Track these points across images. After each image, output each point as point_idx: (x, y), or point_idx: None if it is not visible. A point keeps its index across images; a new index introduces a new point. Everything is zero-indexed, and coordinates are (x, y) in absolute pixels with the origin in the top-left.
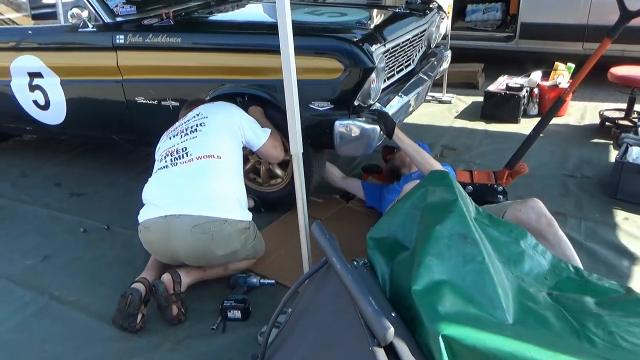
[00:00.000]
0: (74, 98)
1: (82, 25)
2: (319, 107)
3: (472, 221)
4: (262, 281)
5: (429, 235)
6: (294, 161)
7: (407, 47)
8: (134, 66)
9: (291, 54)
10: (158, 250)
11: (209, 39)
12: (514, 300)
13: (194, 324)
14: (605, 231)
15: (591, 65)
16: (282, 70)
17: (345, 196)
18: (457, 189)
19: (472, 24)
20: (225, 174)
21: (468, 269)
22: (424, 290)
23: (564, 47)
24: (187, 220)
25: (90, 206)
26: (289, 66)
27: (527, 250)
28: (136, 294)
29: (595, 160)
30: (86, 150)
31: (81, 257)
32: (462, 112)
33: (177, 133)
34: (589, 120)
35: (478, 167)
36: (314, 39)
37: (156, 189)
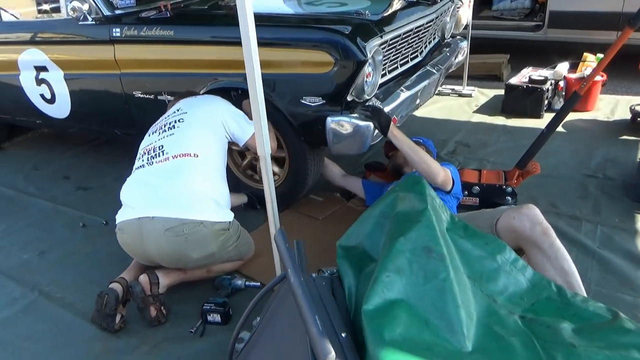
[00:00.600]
0: (77, 92)
1: (82, 18)
2: (310, 102)
3: (441, 233)
4: (247, 283)
5: (390, 248)
6: (261, 163)
7: (412, 38)
8: (130, 59)
9: (254, 48)
10: (134, 252)
11: (201, 31)
12: (479, 324)
13: (174, 326)
14: (622, 238)
15: (611, 56)
16: (246, 66)
17: (347, 195)
18: (429, 196)
19: (498, 12)
20: (202, 172)
21: (429, 287)
22: (375, 310)
23: (596, 36)
24: (160, 223)
25: (94, 200)
26: (251, 62)
27: (504, 266)
28: (112, 294)
29: (622, 159)
30: (98, 144)
31: (76, 252)
32: (482, 106)
33: (156, 129)
34: (619, 115)
35: (492, 165)
36: (303, 31)
37: (131, 189)
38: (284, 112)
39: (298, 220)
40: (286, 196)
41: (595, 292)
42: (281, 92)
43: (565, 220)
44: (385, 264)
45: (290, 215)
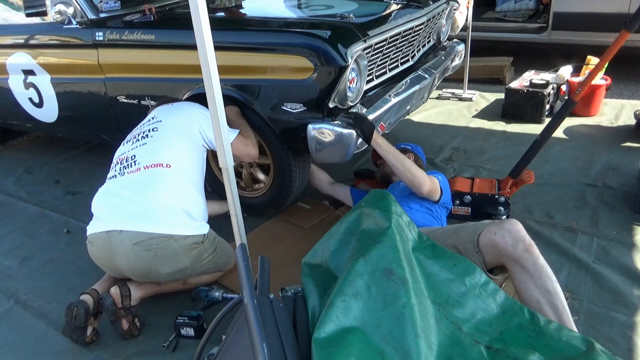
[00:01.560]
0: (64, 96)
1: (67, 21)
2: (291, 109)
3: (405, 253)
4: (225, 295)
5: (349, 269)
6: (224, 175)
7: (401, 42)
8: (113, 64)
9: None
10: (104, 265)
11: (183, 35)
12: (440, 355)
13: (147, 339)
14: (619, 251)
15: (606, 61)
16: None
17: (335, 203)
18: (394, 213)
19: (502, 14)
20: (174, 184)
21: (387, 313)
22: (326, 338)
23: (601, 38)
24: (128, 237)
25: (82, 205)
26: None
27: (473, 290)
28: (82, 306)
29: (624, 167)
30: (90, 148)
31: (58, 259)
32: (482, 110)
33: (130, 138)
34: (624, 120)
35: (488, 172)
36: (281, 35)
37: (101, 201)
38: (265, 119)
39: (283, 228)
40: (271, 204)
41: (588, 309)
42: (262, 99)
43: (560, 232)
44: (343, 287)
45: (275, 224)
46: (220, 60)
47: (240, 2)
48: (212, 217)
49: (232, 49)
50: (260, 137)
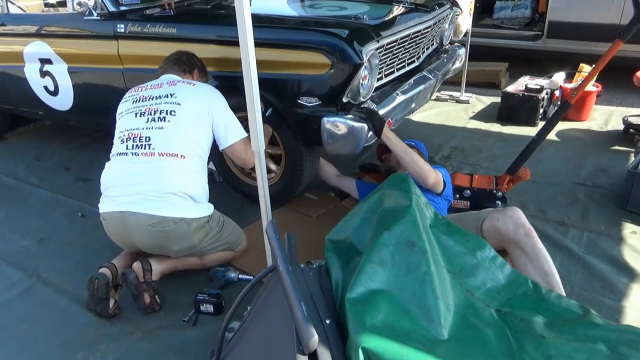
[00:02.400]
0: (80, 85)
1: (87, 13)
2: (307, 102)
3: (424, 229)
4: (240, 276)
5: (375, 241)
6: (255, 159)
7: (409, 44)
8: (133, 55)
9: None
10: (119, 241)
11: (204, 30)
12: (456, 315)
13: (168, 315)
14: (608, 244)
15: (600, 68)
16: (242, 64)
17: (341, 194)
18: (414, 194)
19: (499, 21)
20: (187, 173)
21: (410, 279)
22: (357, 299)
23: (594, 47)
24: (143, 218)
25: (93, 192)
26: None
27: (483, 263)
28: (102, 278)
29: (612, 169)
30: (99, 137)
31: (74, 241)
32: (478, 112)
33: (144, 110)
34: (613, 126)
35: (485, 170)
36: (301, 33)
37: (113, 180)
38: (281, 112)
39: (292, 217)
40: (282, 193)
41: (578, 294)
42: (278, 92)
43: (553, 226)
44: (370, 256)
45: (284, 212)
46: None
47: None
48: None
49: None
50: (273, 129)
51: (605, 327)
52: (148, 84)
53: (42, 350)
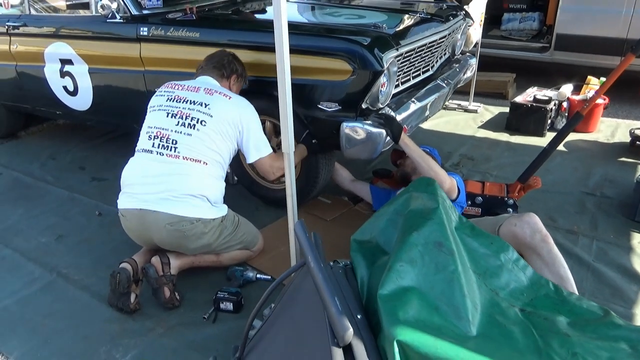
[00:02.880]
0: (100, 86)
1: (110, 16)
2: (327, 107)
3: (450, 231)
4: (258, 276)
5: (404, 241)
6: (285, 160)
7: (425, 53)
8: (155, 58)
9: (286, 52)
10: (136, 237)
11: (224, 35)
12: (483, 313)
13: (188, 312)
14: (617, 253)
15: (612, 80)
16: (277, 68)
17: (354, 199)
18: (440, 197)
19: (507, 32)
20: (207, 178)
21: (439, 278)
22: (389, 295)
23: (600, 60)
24: (162, 217)
25: (109, 191)
26: (282, 64)
27: (506, 264)
28: (124, 273)
29: (620, 180)
30: (113, 138)
31: (93, 238)
32: (487, 122)
33: (176, 113)
34: (619, 138)
35: (494, 178)
36: (324, 40)
37: (135, 178)
38: (301, 116)
39: (306, 220)
40: (298, 196)
41: None
42: (299, 97)
43: (562, 234)
44: (400, 255)
45: (299, 215)
46: (265, 59)
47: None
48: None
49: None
50: None
51: (626, 327)
52: (185, 84)
53: (65, 344)
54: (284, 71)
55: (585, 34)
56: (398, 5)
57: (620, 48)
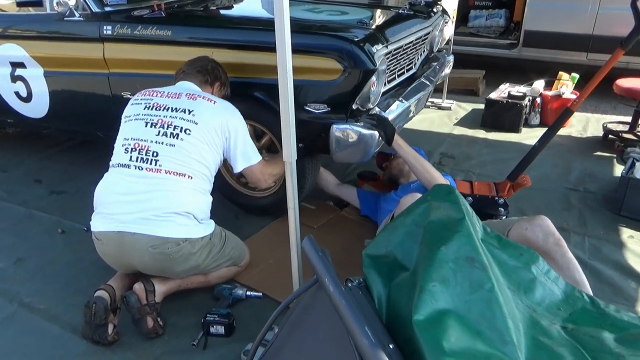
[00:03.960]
0: (58, 91)
1: (68, 13)
2: (315, 109)
3: (479, 243)
4: (248, 293)
5: (432, 257)
6: (287, 169)
7: (410, 50)
8: (121, 59)
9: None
10: (114, 263)
11: (201, 33)
12: (526, 335)
13: (173, 339)
14: (609, 249)
15: (602, 76)
16: (278, 72)
17: (339, 203)
18: (464, 206)
19: (474, 29)
20: (192, 193)
21: (475, 298)
22: (427, 321)
23: (567, 56)
24: (144, 240)
25: (71, 205)
26: (285, 68)
27: (539, 277)
28: (100, 302)
29: (599, 174)
30: (71, 146)
31: (57, 260)
32: (462, 119)
33: (156, 122)
34: (591, 132)
35: (477, 177)
36: (311, 37)
37: (111, 196)
38: None
39: None
40: (281, 205)
41: None
42: None
43: None
44: (430, 273)
45: (283, 223)
46: (246, 59)
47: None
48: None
49: (260, 49)
50: (274, 136)
51: None
52: (164, 90)
53: None
54: (287, 76)
55: (552, 31)
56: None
57: (587, 44)
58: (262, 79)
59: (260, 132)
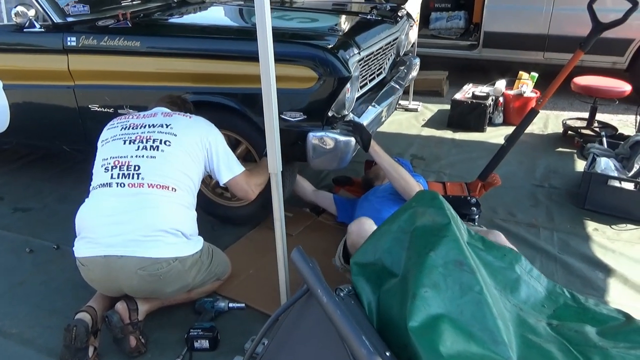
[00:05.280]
0: (19, 104)
1: (27, 24)
2: (290, 117)
3: (466, 246)
4: (230, 305)
5: (422, 263)
6: (272, 180)
7: (380, 55)
8: (87, 71)
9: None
10: (102, 288)
11: (171, 43)
12: (515, 334)
13: (157, 356)
14: (577, 243)
15: (564, 76)
16: (262, 83)
17: (316, 210)
18: (449, 210)
19: (436, 31)
20: (176, 208)
21: (466, 300)
22: (422, 327)
23: (526, 56)
24: (131, 262)
25: (38, 223)
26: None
27: (523, 276)
28: (81, 325)
29: (561, 169)
30: (33, 160)
31: (27, 281)
32: (428, 120)
33: (135, 138)
34: (551, 129)
35: (448, 177)
36: (285, 45)
37: (94, 219)
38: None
39: (271, 236)
40: (259, 213)
41: None
42: (260, 107)
43: (525, 228)
44: (421, 279)
45: (261, 232)
46: (220, 69)
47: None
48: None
49: (233, 58)
50: (251, 145)
51: None
52: (140, 113)
53: None
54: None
55: (510, 31)
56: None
57: (543, 43)
58: (236, 88)
59: (234, 141)
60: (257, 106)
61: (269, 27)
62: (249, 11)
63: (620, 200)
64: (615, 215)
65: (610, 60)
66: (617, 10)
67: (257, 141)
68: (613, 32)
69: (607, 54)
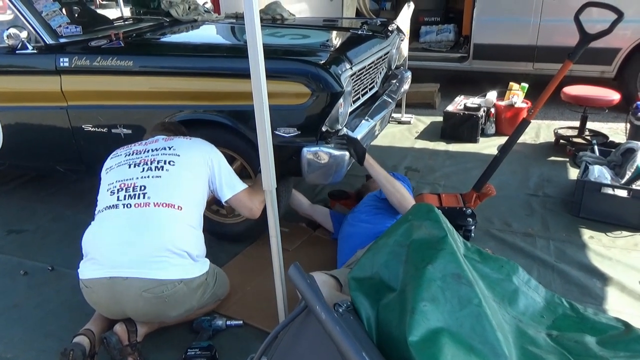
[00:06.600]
0: (12, 125)
1: (20, 46)
2: (284, 133)
3: (463, 259)
4: (228, 323)
5: (420, 277)
6: (267, 198)
7: (372, 70)
8: (80, 91)
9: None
10: (105, 311)
11: (164, 62)
12: (515, 345)
13: None
14: (573, 251)
15: (554, 87)
16: (254, 100)
17: (312, 224)
18: (445, 223)
19: (426, 44)
20: (182, 227)
21: (465, 313)
22: (422, 341)
23: (515, 67)
24: (137, 284)
25: (32, 244)
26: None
27: (521, 287)
28: (78, 349)
29: (555, 178)
30: (27, 181)
31: (22, 304)
32: (422, 132)
33: (139, 162)
34: (543, 138)
35: (443, 188)
36: (278, 62)
37: (100, 240)
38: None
39: (268, 252)
40: (255, 229)
41: None
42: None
43: (521, 237)
44: (419, 293)
45: (258, 248)
46: (214, 86)
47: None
48: None
49: (226, 76)
50: (246, 161)
51: None
52: (142, 141)
53: None
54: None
55: (499, 43)
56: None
57: (532, 54)
58: (229, 106)
59: (229, 157)
60: (251, 123)
61: (260, 43)
62: (240, 29)
63: (614, 208)
64: (609, 223)
65: (599, 70)
66: (604, 21)
67: (252, 157)
68: (600, 42)
69: (596, 63)
